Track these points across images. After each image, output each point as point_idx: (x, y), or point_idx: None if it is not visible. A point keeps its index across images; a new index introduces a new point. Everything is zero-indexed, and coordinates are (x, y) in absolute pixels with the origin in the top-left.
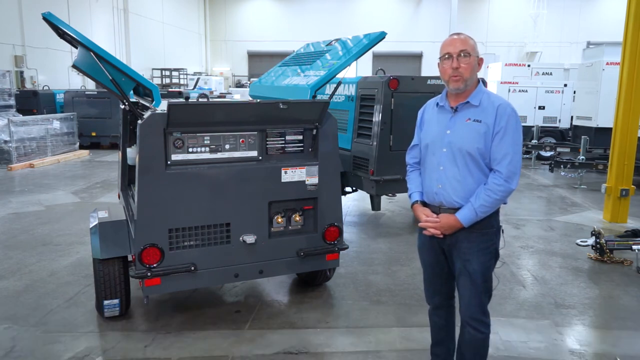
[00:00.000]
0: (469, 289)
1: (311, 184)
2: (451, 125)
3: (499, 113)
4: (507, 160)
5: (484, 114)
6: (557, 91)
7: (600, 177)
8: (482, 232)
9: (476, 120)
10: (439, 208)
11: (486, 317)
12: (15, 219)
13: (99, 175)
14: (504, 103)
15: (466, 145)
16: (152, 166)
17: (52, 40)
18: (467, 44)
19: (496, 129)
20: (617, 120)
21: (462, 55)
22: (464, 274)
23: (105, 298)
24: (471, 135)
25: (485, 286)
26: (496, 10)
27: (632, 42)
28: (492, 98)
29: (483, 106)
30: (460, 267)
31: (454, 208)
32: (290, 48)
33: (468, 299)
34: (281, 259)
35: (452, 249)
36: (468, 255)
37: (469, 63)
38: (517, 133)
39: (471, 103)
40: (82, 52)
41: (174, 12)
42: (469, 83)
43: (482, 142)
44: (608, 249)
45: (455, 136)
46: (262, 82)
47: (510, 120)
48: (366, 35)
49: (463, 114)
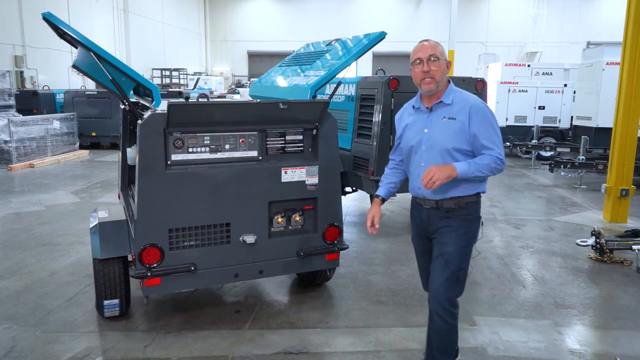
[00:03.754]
0: (441, 273)
1: (311, 184)
2: (428, 124)
3: (472, 111)
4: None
5: (458, 111)
6: (557, 91)
7: (600, 177)
8: (460, 218)
9: (451, 118)
10: (423, 200)
11: (454, 307)
12: (15, 219)
13: (99, 175)
14: (475, 102)
15: (443, 142)
16: (152, 166)
17: (52, 40)
18: (435, 49)
19: (473, 126)
20: (617, 120)
21: (432, 59)
22: (439, 257)
23: (105, 298)
24: (447, 133)
25: (458, 274)
26: (496, 10)
27: (632, 42)
28: (464, 96)
29: (456, 104)
30: (437, 250)
31: (436, 200)
32: (290, 48)
33: (439, 283)
34: (281, 259)
35: (433, 237)
36: (445, 238)
37: (438, 66)
38: (494, 122)
39: (444, 102)
40: (82, 52)
41: (174, 12)
42: (440, 84)
43: (458, 138)
44: (608, 249)
45: (433, 134)
46: (262, 82)
47: (486, 114)
48: (366, 35)
49: (438, 113)
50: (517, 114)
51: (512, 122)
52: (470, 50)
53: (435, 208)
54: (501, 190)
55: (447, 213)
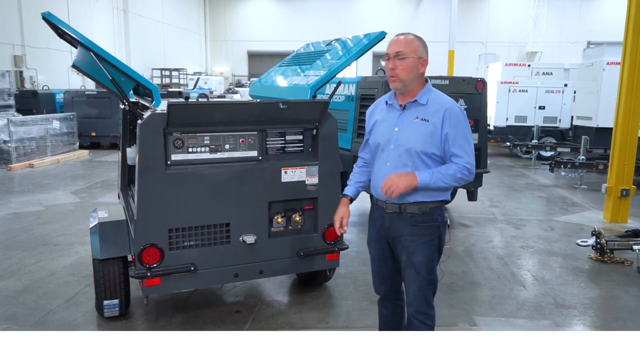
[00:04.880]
0: (413, 281)
1: (311, 184)
2: (399, 123)
3: (447, 116)
4: (466, 153)
5: (432, 113)
6: (557, 91)
7: (600, 177)
8: (425, 226)
9: (424, 119)
10: (385, 204)
11: (431, 309)
12: (15, 219)
13: (98, 175)
14: (451, 105)
15: (413, 143)
16: (152, 166)
17: (52, 40)
18: (405, 45)
19: (446, 130)
20: (617, 120)
21: (398, 56)
22: (409, 267)
23: (105, 298)
24: (418, 135)
25: (429, 279)
26: (496, 10)
27: (632, 42)
28: (440, 98)
29: (430, 105)
30: (406, 260)
31: (399, 204)
32: (290, 48)
33: (413, 292)
34: (281, 259)
35: (397, 243)
36: (412, 248)
37: (404, 65)
38: (467, 130)
39: (419, 102)
40: (82, 52)
41: (174, 12)
42: (408, 84)
43: (428, 141)
44: (608, 249)
45: (403, 134)
46: (262, 82)
47: (460, 120)
48: (366, 35)
49: (411, 113)
50: (517, 114)
51: (512, 122)
52: (470, 50)
53: (398, 213)
54: (501, 190)
55: (411, 219)
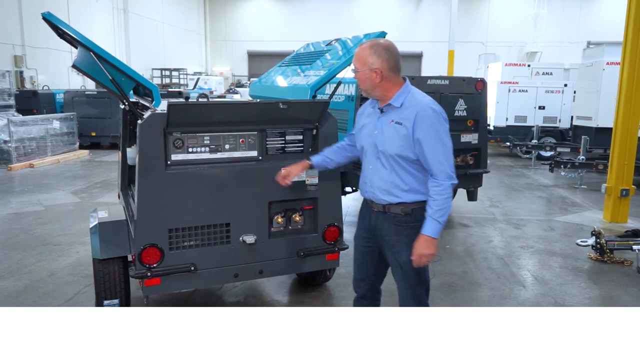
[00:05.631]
0: (401, 281)
1: (311, 184)
2: (378, 126)
3: (417, 118)
4: (437, 161)
5: (405, 116)
6: (557, 91)
7: (600, 177)
8: (409, 226)
9: (398, 122)
10: (371, 203)
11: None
12: (15, 219)
13: (98, 175)
14: (423, 107)
15: (388, 147)
16: (152, 166)
17: (52, 40)
18: (356, 59)
19: (418, 134)
20: (617, 120)
21: (354, 70)
22: (396, 266)
23: (105, 298)
24: (394, 138)
25: (418, 277)
26: (496, 10)
27: (632, 42)
28: (415, 99)
29: (405, 108)
30: (392, 259)
31: (382, 205)
32: (290, 48)
33: (403, 291)
34: (281, 259)
35: (383, 242)
36: (397, 247)
37: (358, 78)
38: (440, 131)
39: (393, 105)
40: (82, 52)
41: (174, 12)
42: (372, 93)
43: (402, 145)
44: (608, 249)
45: (381, 137)
46: (262, 82)
47: (432, 122)
48: (366, 35)
49: (388, 116)
50: (517, 114)
51: (512, 122)
52: (470, 50)
53: (382, 212)
54: (501, 190)
55: (394, 219)
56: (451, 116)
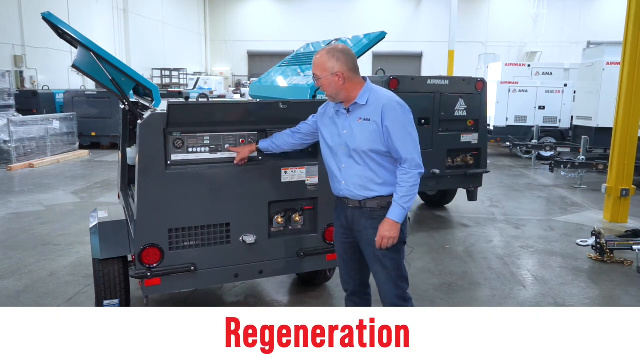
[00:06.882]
0: (381, 275)
1: (311, 184)
2: (347, 126)
3: (384, 111)
4: (407, 150)
5: (372, 112)
6: (557, 91)
7: (600, 177)
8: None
9: (366, 119)
10: (346, 200)
11: (406, 302)
12: (15, 219)
13: (98, 175)
14: (388, 101)
15: (360, 143)
16: (152, 166)
17: (52, 40)
18: (315, 67)
19: (386, 126)
20: (617, 120)
21: (315, 77)
22: (375, 261)
23: (105, 298)
24: (364, 134)
25: (398, 272)
26: (496, 10)
27: (632, 42)
28: (378, 95)
29: (370, 104)
30: (370, 254)
31: (358, 200)
32: (290, 48)
33: (384, 285)
34: (281, 259)
35: (360, 238)
36: (375, 241)
37: (321, 84)
38: (406, 122)
39: (359, 103)
40: (82, 52)
41: (174, 12)
42: (337, 97)
43: (373, 139)
44: (608, 249)
45: (351, 136)
46: (262, 82)
47: (397, 114)
48: (366, 35)
49: (355, 114)
50: (517, 114)
51: (512, 122)
52: (470, 50)
53: (358, 207)
54: (501, 190)
55: (371, 213)
56: (451, 116)
